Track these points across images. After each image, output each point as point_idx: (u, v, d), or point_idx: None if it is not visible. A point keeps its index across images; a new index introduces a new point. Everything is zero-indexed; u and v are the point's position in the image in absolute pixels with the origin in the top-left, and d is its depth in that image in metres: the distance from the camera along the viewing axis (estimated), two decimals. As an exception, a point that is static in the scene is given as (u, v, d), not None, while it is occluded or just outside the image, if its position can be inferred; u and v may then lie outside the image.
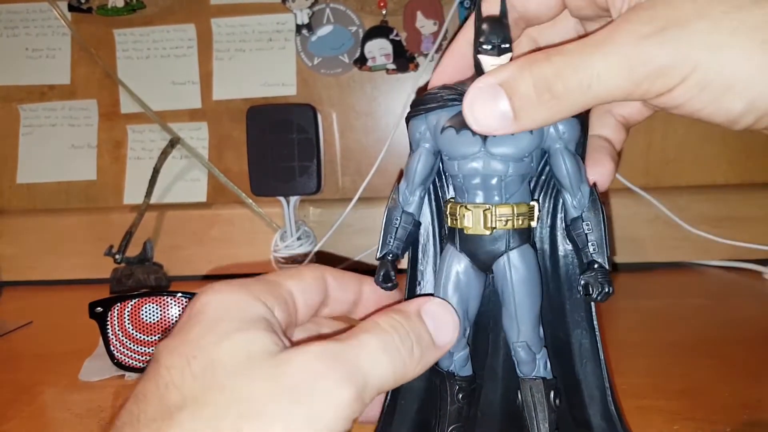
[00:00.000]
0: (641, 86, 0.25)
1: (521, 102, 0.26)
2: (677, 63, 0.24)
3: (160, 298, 0.54)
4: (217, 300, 0.27)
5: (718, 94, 0.24)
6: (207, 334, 0.25)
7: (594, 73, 0.25)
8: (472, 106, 0.27)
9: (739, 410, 0.41)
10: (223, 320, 0.26)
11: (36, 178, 0.94)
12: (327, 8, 0.89)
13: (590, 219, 0.29)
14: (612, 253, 0.84)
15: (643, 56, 0.24)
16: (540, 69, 0.25)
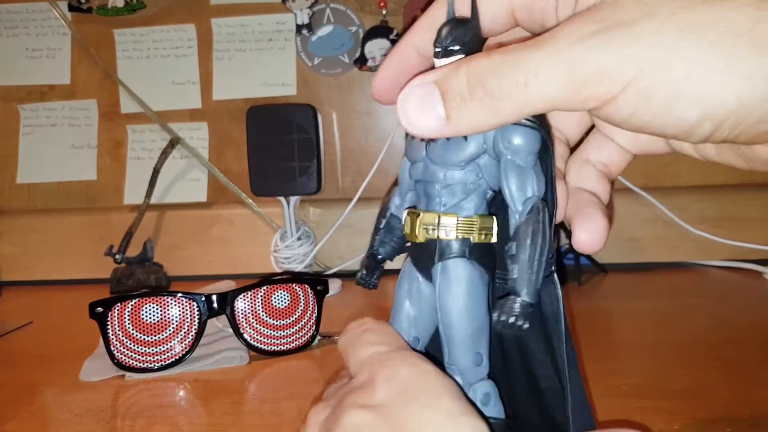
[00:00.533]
0: (582, 90, 0.23)
1: (454, 101, 0.24)
2: (620, 65, 0.22)
3: (160, 298, 0.54)
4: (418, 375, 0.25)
5: (668, 102, 0.22)
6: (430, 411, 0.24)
7: (531, 70, 0.23)
8: (404, 104, 0.25)
9: (740, 410, 0.41)
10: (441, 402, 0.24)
11: (36, 178, 0.94)
12: (327, 8, 0.89)
13: (518, 239, 0.25)
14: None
15: (584, 56, 0.22)
16: (477, 65, 0.24)
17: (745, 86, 0.22)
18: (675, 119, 0.23)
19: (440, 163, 0.27)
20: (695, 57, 0.22)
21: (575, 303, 0.70)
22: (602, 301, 0.71)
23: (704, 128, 0.23)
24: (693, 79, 0.22)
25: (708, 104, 0.22)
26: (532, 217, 0.25)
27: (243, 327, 0.55)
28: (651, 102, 0.22)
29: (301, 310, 0.58)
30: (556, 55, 0.23)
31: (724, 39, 0.21)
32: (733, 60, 0.21)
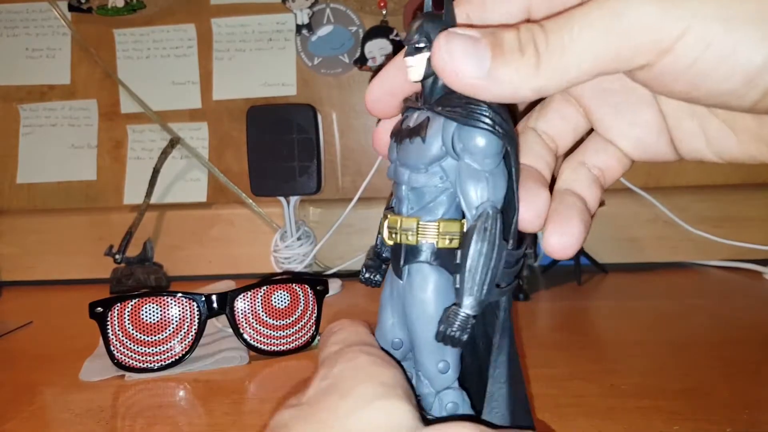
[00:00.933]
0: (629, 41, 0.21)
1: (503, 54, 0.22)
2: (668, 19, 0.20)
3: (160, 298, 0.54)
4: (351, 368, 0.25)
5: (728, 51, 0.20)
6: (342, 401, 0.23)
7: (575, 27, 0.21)
8: (449, 44, 0.22)
9: (740, 410, 0.41)
10: (359, 387, 0.23)
11: (36, 178, 0.94)
12: (327, 8, 0.89)
13: (463, 248, 0.24)
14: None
15: (628, 6, 0.20)
16: (528, 27, 0.22)
17: None
18: (737, 70, 0.20)
19: (405, 165, 0.26)
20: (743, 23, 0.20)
21: (575, 303, 0.70)
22: (602, 301, 0.71)
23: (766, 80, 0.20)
24: (752, 24, 0.20)
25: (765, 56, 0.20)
26: (479, 224, 0.24)
27: (243, 327, 0.55)
28: (709, 52, 0.20)
29: (301, 310, 0.58)
30: (598, 9, 0.21)
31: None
32: None
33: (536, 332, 0.62)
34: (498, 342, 0.26)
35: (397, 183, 0.27)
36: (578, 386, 0.46)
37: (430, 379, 0.27)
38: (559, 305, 0.70)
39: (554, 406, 0.42)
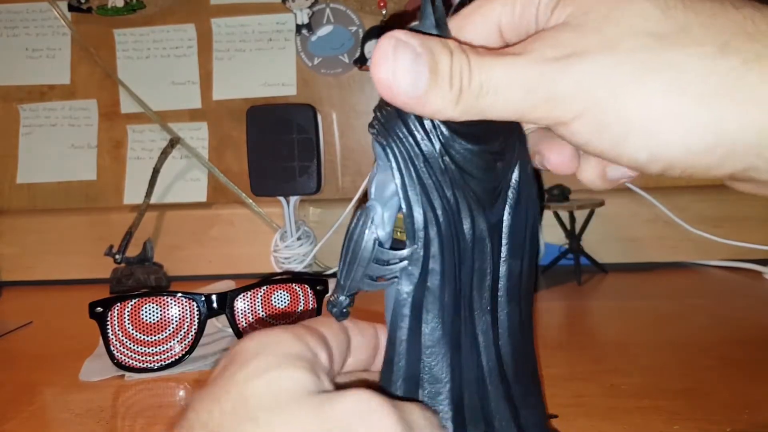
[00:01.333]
0: (536, 110, 0.23)
1: (435, 81, 0.23)
2: (575, 94, 0.22)
3: (160, 298, 0.54)
4: (252, 343, 0.25)
5: (619, 139, 0.23)
6: (239, 371, 0.23)
7: (493, 81, 0.23)
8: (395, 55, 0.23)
9: (739, 410, 0.41)
10: (257, 357, 0.24)
11: (36, 178, 0.94)
12: (327, 8, 0.89)
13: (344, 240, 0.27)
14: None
15: (542, 79, 0.23)
16: (459, 57, 0.23)
17: (692, 136, 0.22)
18: (627, 155, 0.23)
19: None
20: (646, 100, 0.22)
21: (575, 303, 0.70)
22: (602, 301, 0.71)
23: (655, 167, 0.23)
24: (642, 121, 0.22)
25: (656, 148, 0.22)
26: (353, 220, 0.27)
27: (243, 327, 0.55)
28: (602, 134, 0.23)
29: (301, 310, 0.58)
30: (518, 72, 0.23)
31: (676, 87, 0.22)
32: (682, 108, 0.22)
33: (536, 332, 0.62)
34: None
35: None
36: (578, 386, 0.46)
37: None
38: (559, 305, 0.70)
39: (554, 406, 0.42)
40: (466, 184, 0.26)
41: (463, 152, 0.26)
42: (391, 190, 0.26)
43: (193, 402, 0.24)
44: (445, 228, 0.26)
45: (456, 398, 0.27)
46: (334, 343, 0.27)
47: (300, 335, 0.25)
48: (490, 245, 0.27)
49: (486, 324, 0.28)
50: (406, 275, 0.27)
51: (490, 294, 0.28)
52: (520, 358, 0.29)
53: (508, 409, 0.28)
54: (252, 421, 0.22)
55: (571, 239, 0.80)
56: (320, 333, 0.27)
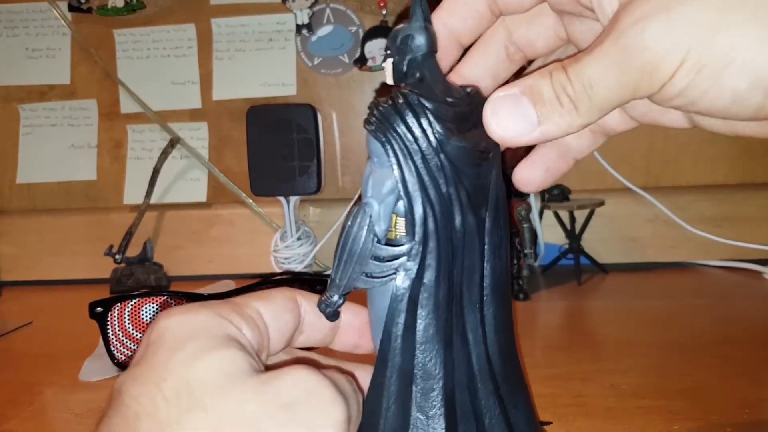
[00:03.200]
0: (639, 82, 0.24)
1: (545, 107, 0.25)
2: (667, 50, 0.23)
3: (160, 298, 0.54)
4: (177, 322, 0.25)
5: (717, 73, 0.23)
6: (173, 355, 0.23)
7: (594, 76, 0.24)
8: (496, 112, 0.26)
9: (739, 410, 0.41)
10: (190, 340, 0.24)
11: (36, 178, 0.94)
12: (327, 8, 0.89)
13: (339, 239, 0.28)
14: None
15: (630, 50, 0.23)
16: (557, 74, 0.25)
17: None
18: (728, 90, 0.23)
19: None
20: (737, 29, 0.22)
21: (575, 303, 0.70)
22: (602, 301, 0.71)
23: (756, 98, 0.23)
24: (737, 50, 0.22)
25: (755, 72, 0.22)
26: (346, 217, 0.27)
27: (243, 327, 0.55)
28: (702, 74, 0.23)
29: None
30: (606, 56, 0.24)
31: (763, 9, 0.22)
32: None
33: (536, 332, 0.62)
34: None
35: None
36: (578, 386, 0.46)
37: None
38: (559, 305, 0.70)
39: (554, 406, 0.42)
40: (459, 181, 0.27)
41: (457, 149, 0.26)
42: (388, 187, 0.27)
43: (125, 386, 0.23)
44: (441, 223, 0.27)
45: (448, 395, 0.27)
46: (272, 321, 0.28)
47: (224, 314, 0.26)
48: (478, 242, 0.28)
49: (475, 321, 0.28)
50: (404, 270, 0.27)
51: (478, 291, 0.28)
52: (506, 356, 0.29)
53: (497, 406, 0.28)
54: (200, 408, 0.22)
55: (571, 239, 0.80)
56: (246, 311, 0.27)
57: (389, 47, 0.27)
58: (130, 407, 0.22)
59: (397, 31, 0.27)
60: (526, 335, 0.60)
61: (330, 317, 0.28)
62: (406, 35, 0.27)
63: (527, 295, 0.71)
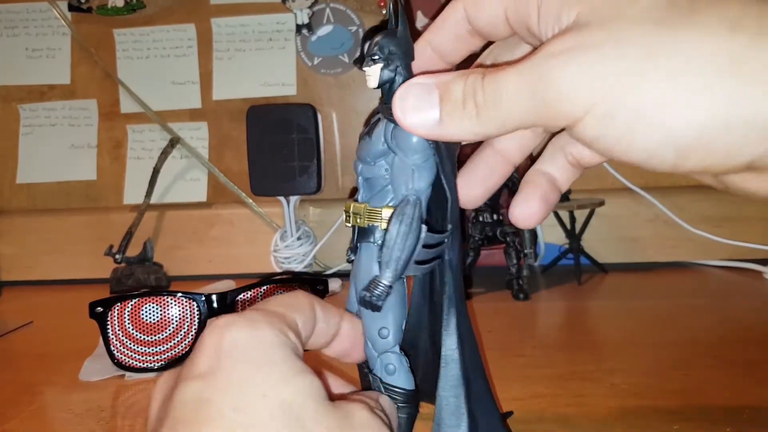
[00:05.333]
0: (548, 110, 0.23)
1: (449, 106, 0.25)
2: (581, 89, 0.22)
3: (160, 298, 0.54)
4: (248, 337, 0.24)
5: (629, 127, 0.22)
6: (265, 372, 0.23)
7: (505, 90, 0.24)
8: (403, 99, 0.26)
9: (739, 410, 0.41)
10: (272, 359, 0.24)
11: (36, 178, 0.94)
12: (327, 8, 0.89)
13: (389, 228, 0.28)
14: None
15: (546, 78, 0.23)
16: (474, 78, 0.25)
17: (705, 117, 0.21)
18: (638, 145, 0.23)
19: (360, 159, 0.31)
20: (653, 86, 0.22)
21: (575, 303, 0.70)
22: (602, 301, 0.71)
23: (668, 156, 0.23)
24: (651, 106, 0.22)
25: (668, 132, 0.22)
26: (399, 209, 0.28)
27: (243, 327, 0.55)
28: (614, 125, 0.23)
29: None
30: (524, 77, 0.24)
31: (684, 69, 0.21)
32: (691, 90, 0.21)
33: (536, 332, 0.62)
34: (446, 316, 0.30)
35: (357, 175, 0.32)
36: (578, 386, 0.46)
37: (372, 342, 0.31)
38: (559, 305, 0.70)
39: (554, 406, 0.42)
40: (455, 174, 0.30)
41: (451, 146, 0.29)
42: (429, 180, 0.29)
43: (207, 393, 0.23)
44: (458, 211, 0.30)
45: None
46: (303, 330, 0.28)
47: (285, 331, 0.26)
48: (461, 231, 0.30)
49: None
50: (446, 255, 0.30)
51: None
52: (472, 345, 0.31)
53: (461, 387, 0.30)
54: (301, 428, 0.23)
55: (571, 239, 0.80)
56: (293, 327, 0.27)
57: (376, 53, 0.29)
58: (233, 419, 0.22)
59: (382, 38, 0.29)
60: (526, 335, 0.60)
61: (377, 308, 0.29)
62: (390, 42, 0.29)
63: (527, 295, 0.71)
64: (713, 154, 0.22)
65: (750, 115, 0.21)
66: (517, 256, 0.72)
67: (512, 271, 0.72)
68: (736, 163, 0.22)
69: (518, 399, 0.43)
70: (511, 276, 0.72)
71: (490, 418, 0.32)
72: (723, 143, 0.22)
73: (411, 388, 0.31)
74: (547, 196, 0.31)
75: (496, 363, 0.50)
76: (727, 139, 0.21)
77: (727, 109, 0.21)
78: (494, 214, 0.72)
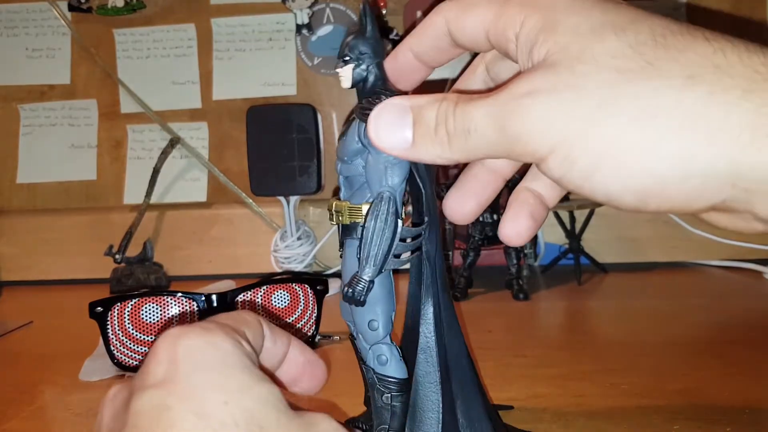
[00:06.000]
0: (514, 147, 0.24)
1: (421, 130, 0.26)
2: (542, 131, 0.23)
3: (160, 298, 0.53)
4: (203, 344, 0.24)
5: (589, 172, 0.23)
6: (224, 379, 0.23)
7: (474, 122, 0.25)
8: (377, 119, 0.27)
9: (740, 410, 0.41)
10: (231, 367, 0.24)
11: (36, 177, 0.94)
12: (327, 8, 0.89)
13: (366, 226, 0.29)
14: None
15: (512, 117, 0.24)
16: (446, 105, 0.26)
17: (662, 166, 0.22)
18: (599, 188, 0.23)
19: (339, 158, 0.32)
20: (612, 132, 0.22)
21: (575, 303, 0.70)
22: (602, 301, 0.71)
23: (629, 200, 0.23)
24: (610, 152, 0.22)
25: (627, 179, 0.22)
26: (373, 206, 0.29)
27: (243, 327, 0.55)
28: (575, 169, 0.23)
29: (301, 309, 0.58)
30: (493, 112, 0.24)
31: (642, 118, 0.22)
32: (649, 139, 0.22)
33: (536, 332, 0.62)
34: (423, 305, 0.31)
35: (338, 174, 0.33)
36: (578, 386, 0.46)
37: (363, 334, 0.32)
38: (559, 305, 0.70)
39: (554, 406, 0.42)
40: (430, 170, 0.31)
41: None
42: (402, 176, 0.30)
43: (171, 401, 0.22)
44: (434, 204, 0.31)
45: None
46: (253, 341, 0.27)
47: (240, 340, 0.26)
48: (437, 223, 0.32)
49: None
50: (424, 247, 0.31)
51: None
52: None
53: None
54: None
55: (571, 239, 0.80)
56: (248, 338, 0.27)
57: (347, 54, 0.31)
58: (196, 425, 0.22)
59: (353, 39, 0.30)
60: (526, 335, 0.60)
61: (360, 303, 0.30)
62: (359, 43, 0.30)
63: (527, 295, 0.71)
64: (672, 200, 0.23)
65: (707, 167, 0.21)
66: (517, 256, 0.72)
67: (512, 271, 0.72)
68: (698, 208, 0.23)
69: (518, 399, 0.43)
70: (511, 276, 0.72)
71: (476, 406, 0.33)
72: (682, 191, 0.22)
73: (404, 377, 0.32)
74: (534, 213, 0.31)
75: (496, 363, 0.50)
76: (685, 188, 0.22)
77: (684, 161, 0.22)
78: (494, 214, 0.72)
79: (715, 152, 0.21)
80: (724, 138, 0.21)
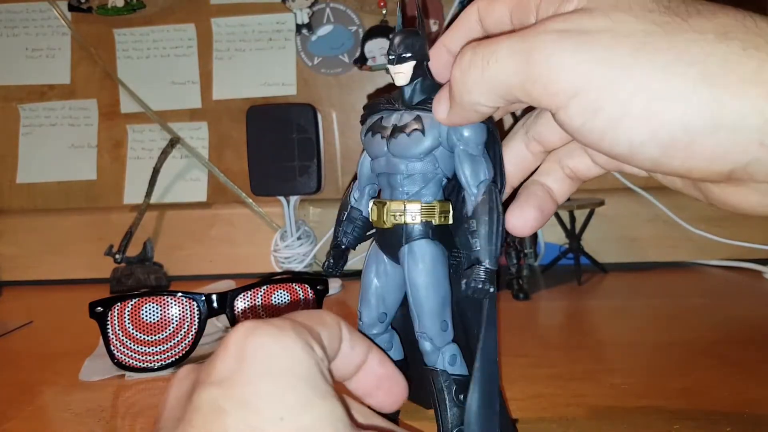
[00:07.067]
0: (533, 86, 0.24)
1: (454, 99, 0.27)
2: (571, 70, 0.23)
3: (160, 297, 0.54)
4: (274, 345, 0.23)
5: (615, 119, 0.22)
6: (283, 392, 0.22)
7: (498, 51, 0.24)
8: (439, 101, 0.29)
9: (739, 410, 0.41)
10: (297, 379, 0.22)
11: (36, 178, 0.94)
12: (327, 8, 0.89)
13: (477, 217, 0.30)
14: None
15: (539, 51, 0.23)
16: (472, 45, 0.26)
17: (693, 115, 0.22)
18: (623, 139, 0.23)
19: (401, 157, 0.31)
20: (643, 80, 0.22)
21: (575, 303, 0.70)
22: (602, 301, 0.71)
23: (652, 153, 0.23)
24: (640, 100, 0.22)
25: (654, 126, 0.22)
26: (487, 197, 0.30)
27: (243, 327, 0.55)
28: (599, 117, 0.23)
29: (302, 309, 0.58)
30: (520, 44, 0.24)
31: (674, 67, 0.22)
32: (681, 87, 0.22)
33: (536, 332, 0.62)
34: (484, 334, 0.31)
35: (390, 173, 0.32)
36: (578, 386, 0.46)
37: (433, 338, 0.32)
38: (559, 305, 0.70)
39: (554, 406, 0.42)
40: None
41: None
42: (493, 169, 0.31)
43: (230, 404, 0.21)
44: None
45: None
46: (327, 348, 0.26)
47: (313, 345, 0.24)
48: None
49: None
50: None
51: None
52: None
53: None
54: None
55: (571, 239, 0.80)
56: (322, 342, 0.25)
57: (405, 52, 0.30)
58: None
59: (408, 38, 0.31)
60: (526, 335, 0.60)
61: (487, 294, 0.29)
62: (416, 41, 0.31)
63: (527, 294, 0.71)
64: (697, 156, 0.22)
65: (737, 120, 0.21)
66: (517, 256, 0.72)
67: (512, 271, 0.72)
68: (719, 169, 0.23)
69: (518, 399, 0.43)
70: (511, 276, 0.72)
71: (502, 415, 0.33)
72: (708, 145, 0.22)
73: (467, 374, 0.32)
74: (542, 205, 0.31)
75: (496, 363, 0.50)
76: (713, 142, 0.22)
77: (714, 111, 0.21)
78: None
79: (746, 104, 0.21)
80: (756, 91, 0.21)
